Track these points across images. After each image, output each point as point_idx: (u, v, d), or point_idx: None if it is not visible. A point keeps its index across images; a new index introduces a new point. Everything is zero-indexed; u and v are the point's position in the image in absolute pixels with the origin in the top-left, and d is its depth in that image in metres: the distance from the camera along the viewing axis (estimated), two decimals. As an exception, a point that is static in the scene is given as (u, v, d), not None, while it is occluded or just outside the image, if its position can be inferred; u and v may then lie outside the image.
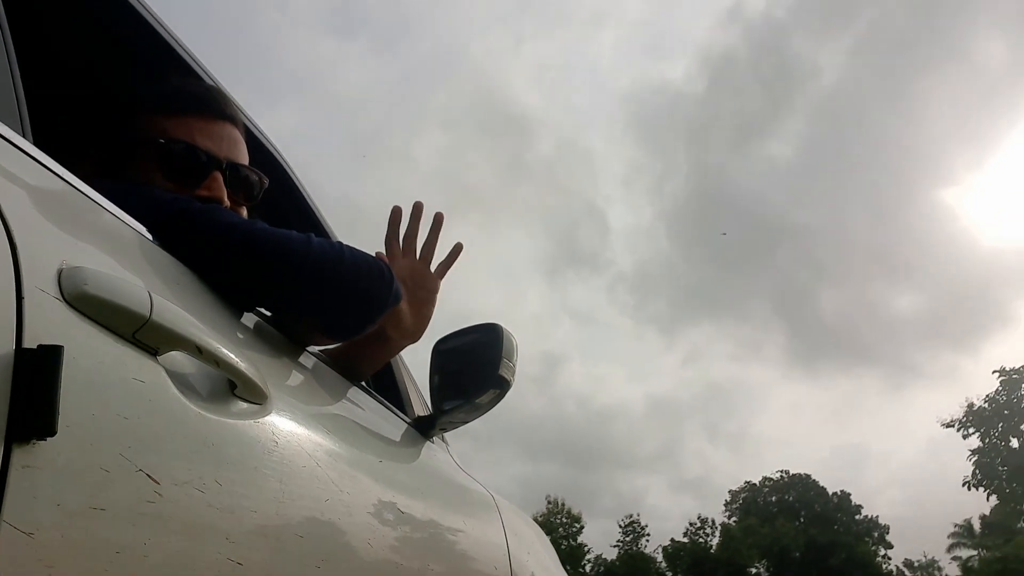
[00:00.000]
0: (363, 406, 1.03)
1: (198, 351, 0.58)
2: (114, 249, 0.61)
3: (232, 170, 0.92)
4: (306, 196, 1.21)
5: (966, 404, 26.30)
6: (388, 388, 1.27)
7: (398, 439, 1.13)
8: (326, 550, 0.73)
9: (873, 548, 51.79)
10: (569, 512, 40.30)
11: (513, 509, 1.59)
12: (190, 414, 0.58)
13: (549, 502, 40.29)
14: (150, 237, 0.68)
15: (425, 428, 1.23)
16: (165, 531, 0.52)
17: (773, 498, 53.16)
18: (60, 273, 0.49)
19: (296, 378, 0.84)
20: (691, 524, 46.35)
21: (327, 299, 0.82)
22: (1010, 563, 30.49)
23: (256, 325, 0.81)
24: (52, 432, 0.43)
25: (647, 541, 40.03)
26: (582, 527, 40.28)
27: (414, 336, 1.08)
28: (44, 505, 0.43)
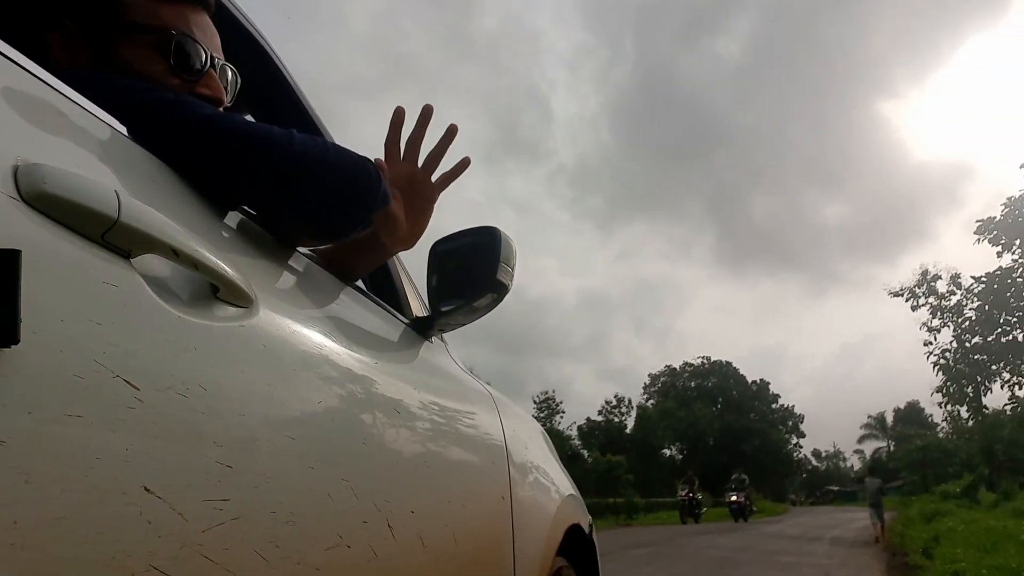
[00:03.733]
0: (358, 307, 1.01)
1: (174, 254, 0.56)
2: (80, 143, 0.57)
3: (221, 68, 0.87)
4: (296, 90, 1.14)
5: (919, 271, 23.53)
6: (385, 289, 1.25)
7: (395, 339, 1.13)
8: (319, 451, 0.73)
9: (786, 436, 54.22)
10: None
11: (512, 406, 1.62)
12: (169, 318, 0.56)
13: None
14: (121, 130, 0.64)
15: (423, 328, 1.22)
16: (147, 436, 0.51)
17: (693, 383, 54.92)
18: (16, 171, 0.46)
19: (285, 279, 0.82)
20: (607, 403, 47.11)
21: (309, 198, 0.78)
22: (931, 452, 31.70)
23: (241, 224, 0.78)
24: (15, 340, 0.41)
25: (561, 418, 40.56)
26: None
27: (407, 244, 1.05)
28: (14, 413, 0.42)
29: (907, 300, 23.13)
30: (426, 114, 1.00)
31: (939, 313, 22.69)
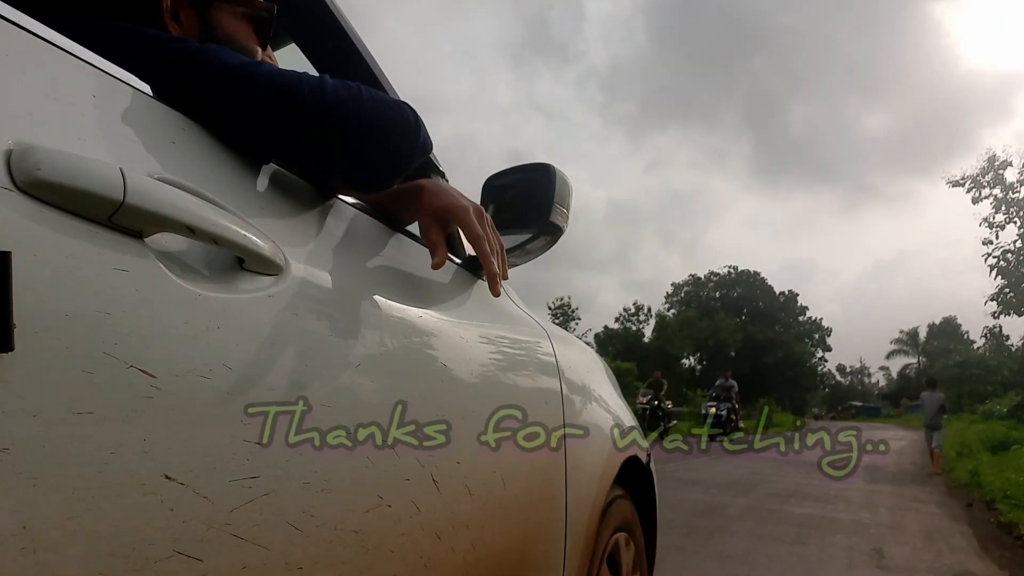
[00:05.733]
0: (406, 253, 0.98)
1: (190, 231, 0.53)
2: (90, 109, 0.53)
3: None
4: (347, 28, 1.07)
5: (985, 158, 19.67)
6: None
7: (447, 281, 1.09)
8: (358, 414, 0.72)
9: (812, 349, 52.34)
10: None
11: (570, 341, 1.58)
12: (189, 298, 0.53)
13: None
14: (141, 87, 0.60)
15: (476, 267, 1.18)
16: (167, 423, 0.50)
17: (717, 293, 52.89)
18: (9, 156, 0.43)
19: (324, 234, 0.79)
20: (625, 310, 45.16)
21: (344, 149, 0.73)
22: (970, 368, 29.87)
23: (275, 178, 0.74)
24: (9, 347, 0.39)
25: (576, 325, 38.18)
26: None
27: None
28: (17, 420, 0.41)
29: (968, 191, 20.01)
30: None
31: (1004, 207, 19.62)
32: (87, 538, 0.44)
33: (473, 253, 1.23)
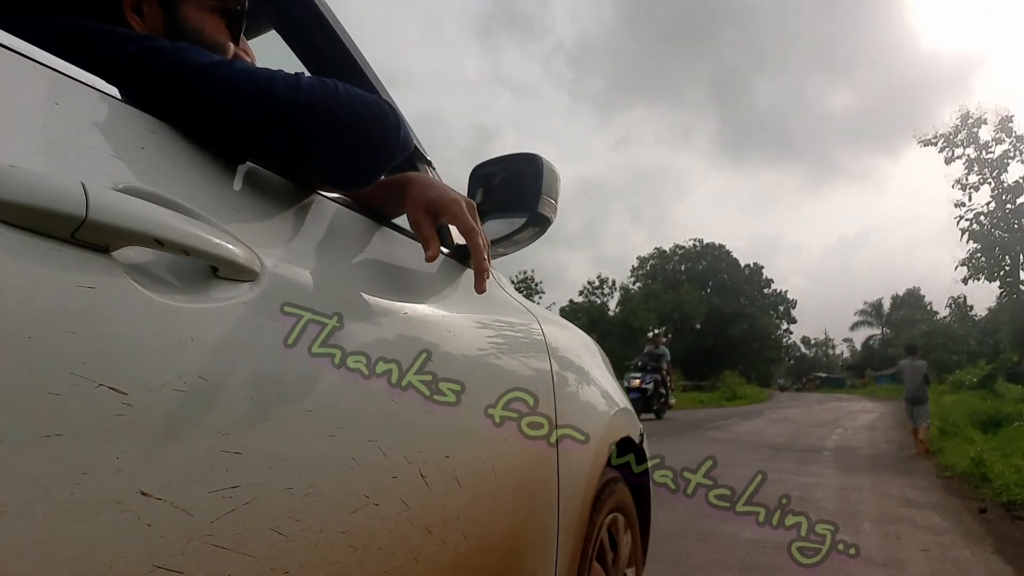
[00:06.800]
0: (392, 247, 0.97)
1: (158, 244, 0.52)
2: (52, 118, 0.52)
3: None
4: (331, 19, 1.04)
5: (958, 116, 18.39)
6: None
7: (434, 272, 1.08)
8: (341, 417, 0.71)
9: (777, 321, 53.05)
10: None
11: (559, 323, 1.58)
12: (160, 311, 0.52)
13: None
14: (107, 89, 0.59)
15: (464, 256, 1.17)
16: (141, 440, 0.49)
17: (683, 267, 53.35)
18: None
19: (303, 233, 0.77)
20: (589, 283, 45.08)
21: (321, 148, 0.72)
22: (936, 338, 30.38)
23: (251, 178, 0.72)
24: None
25: (540, 299, 37.80)
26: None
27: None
28: None
29: (941, 150, 18.79)
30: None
31: (977, 167, 18.39)
32: (62, 560, 0.43)
33: (462, 242, 1.22)
